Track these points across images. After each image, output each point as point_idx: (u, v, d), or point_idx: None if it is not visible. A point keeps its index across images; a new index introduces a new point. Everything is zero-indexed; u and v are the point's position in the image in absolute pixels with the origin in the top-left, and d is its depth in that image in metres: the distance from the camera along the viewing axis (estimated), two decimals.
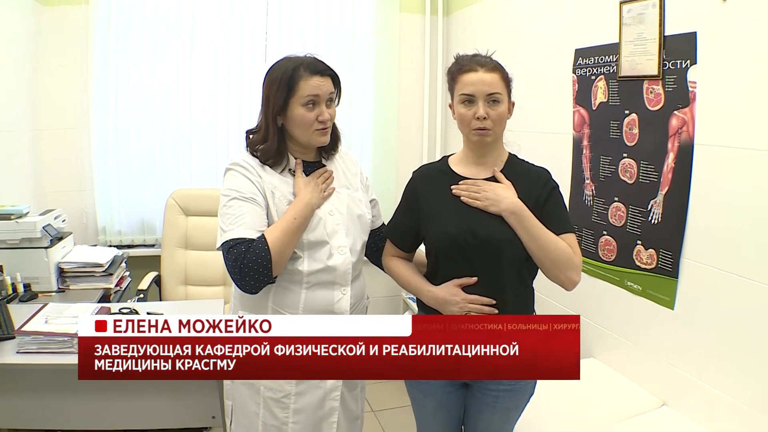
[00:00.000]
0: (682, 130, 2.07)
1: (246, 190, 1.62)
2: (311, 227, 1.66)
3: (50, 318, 1.94)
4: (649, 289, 2.26)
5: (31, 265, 2.53)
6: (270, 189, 1.65)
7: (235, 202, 1.61)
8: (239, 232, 1.57)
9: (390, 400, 3.24)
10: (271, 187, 1.66)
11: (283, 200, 1.66)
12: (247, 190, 1.62)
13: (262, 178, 1.66)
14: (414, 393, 1.80)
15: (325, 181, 1.73)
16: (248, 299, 1.71)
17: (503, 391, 1.67)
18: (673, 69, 2.08)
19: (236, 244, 1.56)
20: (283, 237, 1.58)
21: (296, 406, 1.71)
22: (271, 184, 1.66)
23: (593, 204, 2.53)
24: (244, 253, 1.54)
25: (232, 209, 1.61)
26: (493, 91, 1.58)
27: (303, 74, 1.62)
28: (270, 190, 1.65)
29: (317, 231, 1.67)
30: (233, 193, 1.63)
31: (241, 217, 1.59)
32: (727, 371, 1.95)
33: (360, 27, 3.77)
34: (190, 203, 3.33)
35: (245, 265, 1.53)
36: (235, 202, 1.61)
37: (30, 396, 1.87)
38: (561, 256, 1.57)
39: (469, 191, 1.63)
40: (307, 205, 1.64)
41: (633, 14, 2.22)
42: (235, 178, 1.65)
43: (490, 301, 1.59)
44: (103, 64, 3.34)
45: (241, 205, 1.61)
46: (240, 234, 1.57)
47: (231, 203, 1.62)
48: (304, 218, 1.64)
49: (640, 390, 2.30)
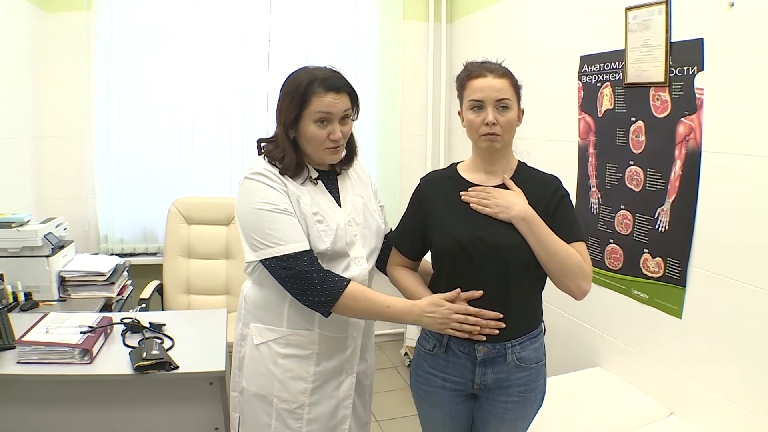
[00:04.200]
0: (689, 137, 2.05)
1: (279, 201, 1.57)
2: (335, 239, 1.62)
3: (51, 328, 1.91)
4: (656, 297, 2.24)
5: (32, 273, 2.52)
6: (295, 198, 1.61)
7: (274, 215, 1.56)
8: (291, 248, 1.54)
9: (395, 409, 3.21)
10: (295, 197, 1.61)
11: (307, 209, 1.61)
12: (280, 201, 1.57)
13: (287, 186, 1.61)
14: (421, 403, 1.77)
15: (463, 321, 1.55)
16: (261, 311, 1.70)
17: (512, 402, 1.64)
18: (679, 75, 2.07)
19: (295, 260, 1.53)
20: (358, 304, 1.57)
21: (310, 416, 1.69)
22: (295, 193, 1.61)
23: (599, 212, 2.51)
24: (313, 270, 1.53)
25: (273, 224, 1.55)
26: (502, 96, 1.56)
27: (317, 90, 1.56)
28: (295, 198, 1.61)
29: (340, 242, 1.63)
30: (267, 206, 1.56)
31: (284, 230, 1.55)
32: (737, 380, 1.93)
33: (363, 34, 3.78)
34: (193, 211, 3.32)
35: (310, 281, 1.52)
36: (273, 215, 1.56)
37: (30, 407, 1.84)
38: (571, 265, 1.54)
39: (478, 198, 1.61)
40: (414, 319, 1.58)
41: (639, 20, 2.21)
42: (263, 190, 1.58)
43: (496, 315, 1.56)
44: (105, 70, 3.34)
45: (279, 218, 1.56)
46: (294, 249, 1.54)
47: (269, 215, 1.56)
48: (393, 319, 1.60)
49: (648, 399, 2.28)
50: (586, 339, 2.63)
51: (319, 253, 1.60)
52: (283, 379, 1.67)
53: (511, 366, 1.61)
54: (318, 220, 1.61)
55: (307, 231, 1.59)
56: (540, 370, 1.67)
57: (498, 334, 1.56)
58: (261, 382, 1.70)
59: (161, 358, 1.83)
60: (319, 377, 1.69)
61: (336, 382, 1.72)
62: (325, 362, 1.69)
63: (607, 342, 2.52)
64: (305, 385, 1.68)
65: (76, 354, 1.82)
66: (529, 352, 1.63)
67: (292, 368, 1.67)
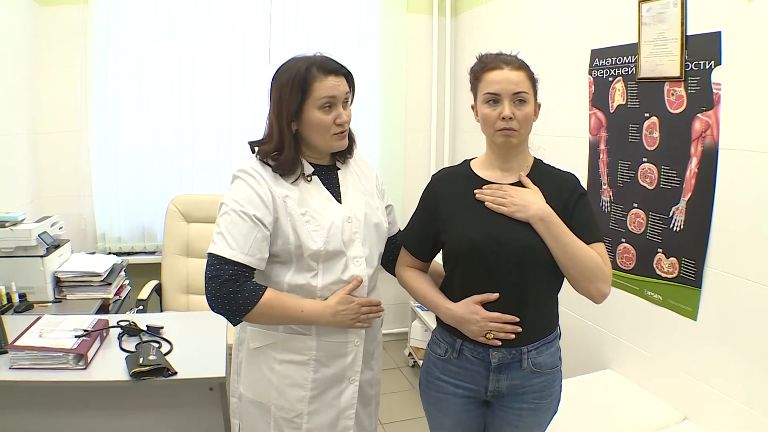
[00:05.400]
0: (705, 134, 1.99)
1: (248, 205, 1.51)
2: (328, 238, 1.56)
3: (45, 331, 1.85)
4: (670, 299, 2.18)
5: (27, 274, 2.46)
6: (281, 198, 1.55)
7: (234, 217, 1.51)
8: (229, 253, 1.48)
9: (399, 412, 3.17)
10: (282, 196, 1.55)
11: (295, 209, 1.55)
12: (250, 206, 1.51)
13: (272, 187, 1.55)
14: (431, 410, 1.71)
15: (368, 312, 1.61)
16: None
17: (526, 409, 1.59)
18: (696, 70, 2.01)
19: (225, 264, 1.48)
20: (273, 312, 1.52)
21: (309, 425, 1.63)
22: (282, 193, 1.56)
23: (611, 210, 2.45)
24: (232, 281, 1.47)
25: (229, 224, 1.51)
26: (519, 90, 1.50)
27: (317, 75, 1.52)
28: (281, 199, 1.55)
29: (334, 241, 1.57)
30: (235, 204, 1.52)
31: (235, 235, 1.49)
32: (753, 385, 1.88)
33: (367, 28, 3.72)
34: (192, 209, 3.27)
35: (224, 289, 1.46)
36: (234, 216, 1.51)
37: (23, 414, 1.78)
38: (591, 266, 1.48)
39: (494, 196, 1.54)
40: (328, 320, 1.56)
41: (653, 13, 2.15)
42: (241, 189, 1.54)
43: (512, 319, 1.51)
44: (103, 66, 3.28)
45: (237, 222, 1.50)
46: (230, 255, 1.48)
47: (230, 215, 1.51)
48: (308, 322, 1.58)
49: (661, 404, 2.23)
50: (597, 340, 2.58)
51: (313, 253, 1.54)
52: (280, 386, 1.62)
53: (527, 372, 1.56)
54: (306, 220, 1.55)
55: (297, 232, 1.54)
56: (556, 376, 1.62)
57: (514, 338, 1.51)
58: (258, 389, 1.65)
59: (159, 364, 1.76)
60: (317, 385, 1.62)
61: (336, 391, 1.65)
62: (324, 369, 1.63)
63: (618, 344, 2.47)
64: (303, 393, 1.62)
65: (71, 359, 1.76)
66: (545, 357, 1.58)
67: (289, 375, 1.61)
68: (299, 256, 1.55)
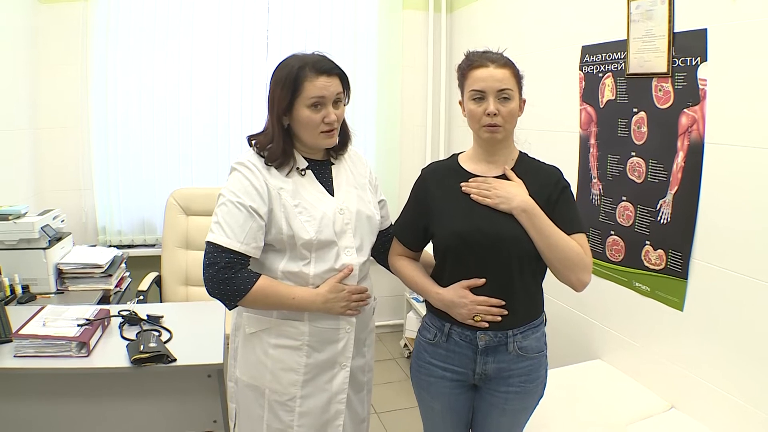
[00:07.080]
0: (692, 129, 2.03)
1: (245, 196, 1.58)
2: (320, 228, 1.62)
3: (48, 321, 1.90)
4: (657, 290, 2.23)
5: (30, 266, 2.51)
6: (276, 190, 1.61)
7: (231, 207, 1.58)
8: (225, 241, 1.55)
9: (394, 401, 3.21)
10: (276, 189, 1.61)
11: (289, 201, 1.61)
12: (246, 196, 1.58)
13: (267, 179, 1.61)
14: (421, 395, 1.76)
15: (358, 300, 1.69)
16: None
17: (513, 393, 1.63)
18: (682, 66, 2.04)
19: (221, 252, 1.55)
20: (267, 299, 1.59)
21: (302, 409, 1.68)
22: (276, 185, 1.62)
23: (600, 203, 2.49)
24: (228, 268, 1.54)
25: (226, 214, 1.58)
26: (503, 87, 1.54)
27: (308, 74, 1.57)
28: (276, 191, 1.61)
29: (326, 231, 1.63)
30: (232, 196, 1.59)
31: (232, 225, 1.56)
32: (738, 374, 1.92)
33: (363, 24, 3.75)
34: (191, 203, 3.30)
35: (220, 276, 1.54)
36: (231, 206, 1.58)
37: (27, 400, 1.82)
38: (572, 256, 1.53)
39: (479, 188, 1.60)
40: (319, 307, 1.63)
41: (641, 10, 2.18)
42: (238, 181, 1.61)
43: (499, 302, 1.57)
44: (103, 61, 3.31)
45: (234, 212, 1.57)
46: (226, 244, 1.55)
47: (227, 206, 1.58)
48: (300, 309, 1.64)
49: (648, 392, 2.27)
50: (587, 331, 2.62)
51: (306, 242, 1.60)
52: (274, 370, 1.67)
53: (513, 355, 1.61)
54: (299, 211, 1.61)
55: (290, 223, 1.60)
56: (541, 360, 1.67)
57: (501, 320, 1.57)
58: (253, 373, 1.70)
59: (159, 351, 1.81)
60: (310, 369, 1.68)
61: (328, 376, 1.71)
62: (317, 354, 1.68)
63: (607, 334, 2.51)
64: (296, 377, 1.67)
65: (73, 347, 1.81)
66: (531, 341, 1.62)
67: (282, 359, 1.67)
68: (292, 245, 1.61)
